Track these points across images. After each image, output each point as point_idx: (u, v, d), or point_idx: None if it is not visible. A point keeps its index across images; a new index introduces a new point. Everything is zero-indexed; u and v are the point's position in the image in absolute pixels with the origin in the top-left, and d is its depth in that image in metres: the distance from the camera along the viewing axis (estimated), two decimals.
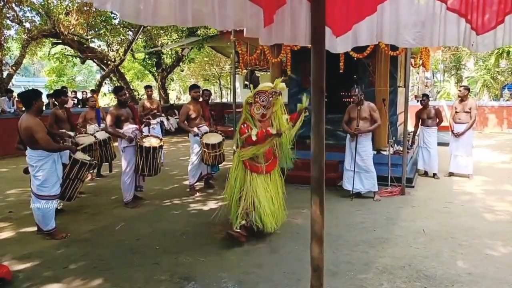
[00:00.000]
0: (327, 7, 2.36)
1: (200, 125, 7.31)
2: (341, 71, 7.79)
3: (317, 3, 2.36)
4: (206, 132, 7.24)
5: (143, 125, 7.10)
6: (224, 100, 31.17)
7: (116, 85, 19.27)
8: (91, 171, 8.17)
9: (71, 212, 6.22)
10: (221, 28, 2.65)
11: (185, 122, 7.26)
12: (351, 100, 6.90)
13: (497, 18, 2.67)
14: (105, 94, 25.83)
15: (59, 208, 5.47)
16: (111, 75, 19.96)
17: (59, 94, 7.18)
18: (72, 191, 5.56)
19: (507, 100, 20.33)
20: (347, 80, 8.63)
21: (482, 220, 5.72)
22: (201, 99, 7.63)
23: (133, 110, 6.72)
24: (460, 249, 4.66)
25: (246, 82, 13.78)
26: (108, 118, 6.35)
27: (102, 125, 7.88)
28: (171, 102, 23.60)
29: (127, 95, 6.74)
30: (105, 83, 22.31)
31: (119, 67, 19.76)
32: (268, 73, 11.27)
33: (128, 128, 6.42)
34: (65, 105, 7.45)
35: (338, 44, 2.90)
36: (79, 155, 5.70)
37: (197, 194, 7.24)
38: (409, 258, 4.43)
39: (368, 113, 6.62)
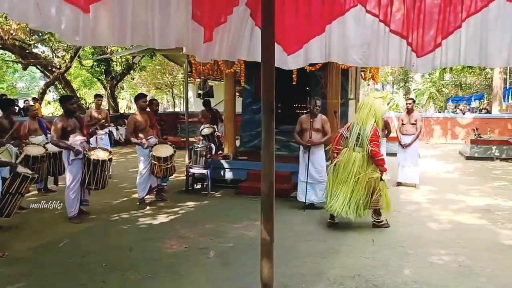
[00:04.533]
0: (277, 27, 2.39)
1: (149, 137, 7.07)
2: (294, 83, 7.88)
3: (266, 23, 2.38)
4: (156, 144, 7.08)
5: (89, 136, 6.80)
6: (177, 109, 30.80)
7: (61, 93, 18.58)
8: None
9: (10, 228, 5.80)
10: (161, 47, 2.63)
11: (133, 133, 7.00)
12: (306, 111, 6.96)
13: (435, 42, 2.87)
14: (49, 103, 24.70)
15: None
16: (56, 82, 19.18)
17: (8, 105, 6.71)
18: (11, 207, 5.30)
19: (452, 112, 21.34)
20: (300, 92, 8.73)
21: (427, 229, 5.93)
22: (148, 109, 7.45)
23: (80, 120, 6.43)
24: (407, 257, 4.80)
25: (199, 91, 13.70)
26: (54, 129, 6.01)
27: (49, 136, 7.47)
28: (121, 111, 23.04)
29: (76, 104, 6.47)
30: (49, 90, 21.47)
31: (65, 74, 19.04)
32: (222, 82, 11.25)
33: (76, 139, 6.10)
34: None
35: (290, 61, 3.00)
36: (21, 169, 5.45)
37: (148, 207, 6.98)
38: (358, 268, 4.50)
39: (320, 125, 6.72)
